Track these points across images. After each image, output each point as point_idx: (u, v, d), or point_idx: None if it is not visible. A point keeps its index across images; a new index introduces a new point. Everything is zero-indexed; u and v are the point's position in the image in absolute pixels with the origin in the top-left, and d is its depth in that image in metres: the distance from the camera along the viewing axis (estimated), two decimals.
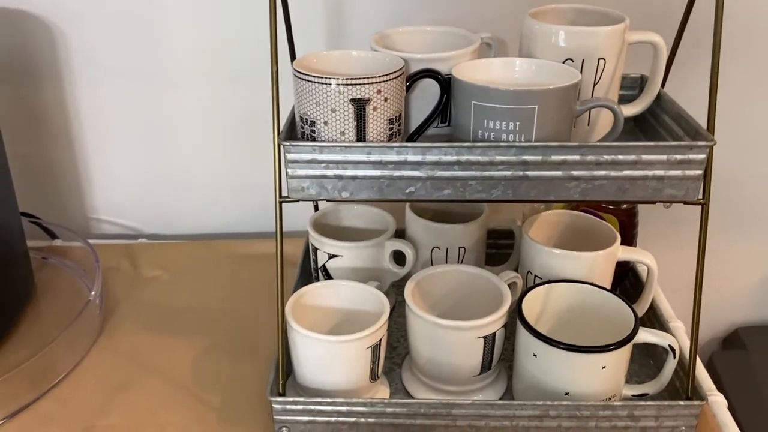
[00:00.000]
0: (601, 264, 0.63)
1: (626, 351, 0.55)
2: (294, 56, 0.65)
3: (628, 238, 0.70)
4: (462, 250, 0.70)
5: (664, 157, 0.51)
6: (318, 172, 0.53)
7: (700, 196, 0.53)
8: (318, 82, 0.51)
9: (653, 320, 0.66)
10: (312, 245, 0.69)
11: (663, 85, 0.63)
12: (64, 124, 0.86)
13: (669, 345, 0.56)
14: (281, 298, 0.55)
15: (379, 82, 0.51)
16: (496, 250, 0.79)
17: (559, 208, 0.70)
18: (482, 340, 0.56)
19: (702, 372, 0.64)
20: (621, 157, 0.50)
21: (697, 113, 0.55)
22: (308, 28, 0.79)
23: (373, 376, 0.58)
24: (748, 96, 0.84)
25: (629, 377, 0.61)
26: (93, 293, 0.70)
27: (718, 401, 0.61)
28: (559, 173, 0.51)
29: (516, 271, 0.67)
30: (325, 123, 0.52)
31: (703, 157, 0.51)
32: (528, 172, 0.51)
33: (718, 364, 0.88)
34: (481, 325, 0.56)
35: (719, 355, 0.91)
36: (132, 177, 0.89)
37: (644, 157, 0.50)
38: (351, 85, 0.51)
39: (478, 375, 0.58)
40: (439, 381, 0.59)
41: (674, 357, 0.56)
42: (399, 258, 0.69)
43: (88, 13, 0.80)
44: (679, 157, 0.51)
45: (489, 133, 0.52)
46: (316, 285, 0.62)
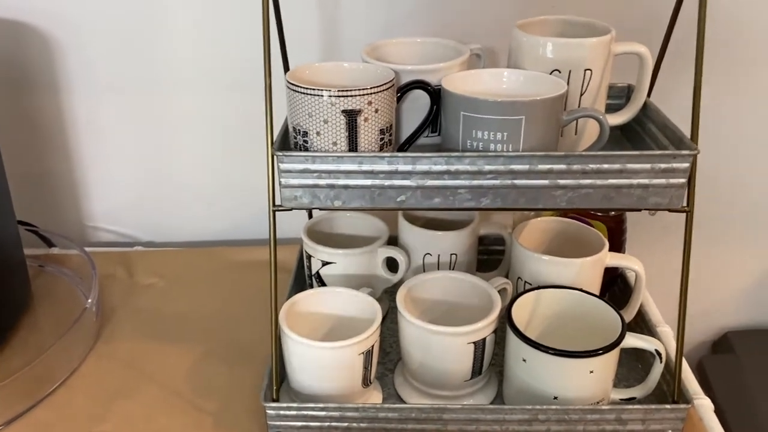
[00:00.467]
0: (589, 270, 0.64)
1: (614, 356, 0.56)
2: (287, 67, 0.67)
3: (617, 244, 0.72)
4: (454, 257, 0.71)
5: (648, 165, 0.52)
6: (311, 182, 0.54)
7: (685, 203, 0.54)
8: (310, 94, 0.52)
9: (641, 325, 0.68)
10: (306, 252, 0.70)
11: (649, 95, 0.64)
12: (61, 133, 0.87)
13: (655, 349, 0.57)
14: (275, 306, 0.56)
15: (370, 94, 0.52)
16: (488, 256, 0.80)
17: (548, 215, 0.71)
18: (472, 345, 0.57)
19: (689, 376, 0.65)
20: (606, 166, 0.52)
21: (683, 120, 0.56)
22: (303, 39, 0.80)
23: (366, 382, 0.59)
24: (735, 103, 0.85)
25: (618, 381, 0.62)
26: (90, 301, 0.71)
27: (705, 405, 0.62)
28: (546, 182, 0.52)
29: (506, 277, 0.68)
30: (318, 133, 0.54)
31: (687, 165, 0.52)
32: (516, 181, 0.53)
33: (707, 368, 0.89)
34: (471, 331, 0.57)
35: (709, 359, 0.92)
36: (128, 185, 0.90)
37: (629, 165, 0.52)
38: (342, 96, 0.52)
39: (469, 380, 0.59)
40: (431, 386, 0.60)
41: (660, 361, 0.58)
42: (392, 264, 0.70)
43: (86, 22, 0.81)
44: (663, 165, 0.52)
45: (477, 142, 0.53)
46: (310, 292, 0.63)
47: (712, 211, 0.90)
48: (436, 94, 0.56)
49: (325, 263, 0.68)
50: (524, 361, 0.57)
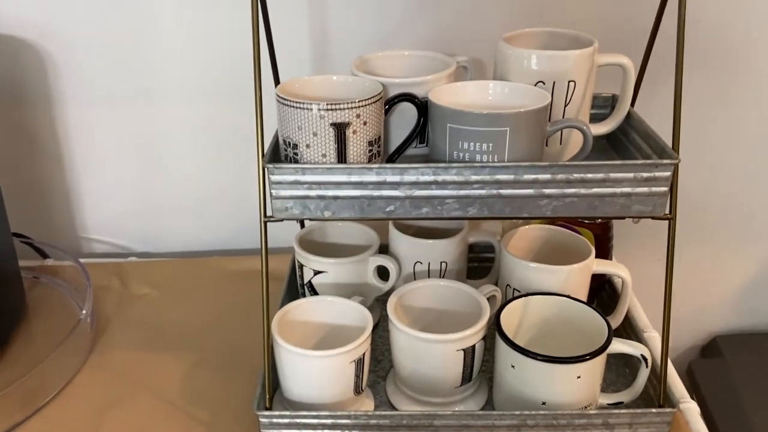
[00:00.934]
0: (576, 277, 0.65)
1: (600, 361, 0.57)
2: (278, 81, 0.68)
3: (604, 251, 0.73)
4: (444, 265, 0.72)
5: (631, 174, 0.53)
6: (301, 193, 0.55)
7: (668, 211, 0.55)
8: (300, 107, 0.53)
9: (629, 330, 0.69)
10: (298, 261, 0.71)
11: (633, 104, 0.65)
12: (54, 145, 0.88)
13: (641, 354, 0.58)
14: (266, 315, 0.57)
15: (359, 107, 0.53)
16: (479, 263, 0.81)
17: (536, 223, 0.72)
18: (462, 352, 0.58)
19: (675, 380, 0.66)
20: (590, 175, 0.53)
21: (667, 128, 0.57)
22: (293, 51, 0.81)
23: (358, 390, 0.60)
24: (720, 111, 0.87)
25: (606, 386, 0.63)
26: (84, 312, 0.72)
27: (691, 408, 0.63)
28: (531, 191, 0.54)
29: (496, 284, 0.69)
30: (307, 146, 0.55)
31: (669, 174, 0.53)
32: (502, 191, 0.54)
33: (696, 372, 0.90)
34: (461, 338, 0.58)
35: (698, 363, 0.93)
36: (121, 195, 0.91)
37: (612, 175, 0.53)
38: (331, 110, 0.53)
39: (459, 386, 0.60)
40: (422, 393, 0.61)
41: (646, 366, 0.59)
42: (383, 273, 0.71)
43: (78, 37, 0.82)
44: (646, 174, 0.53)
45: (464, 153, 0.54)
46: (302, 301, 0.64)
47: (700, 217, 0.92)
48: (423, 106, 0.58)
49: (317, 272, 0.69)
50: (513, 367, 0.57)
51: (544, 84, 0.58)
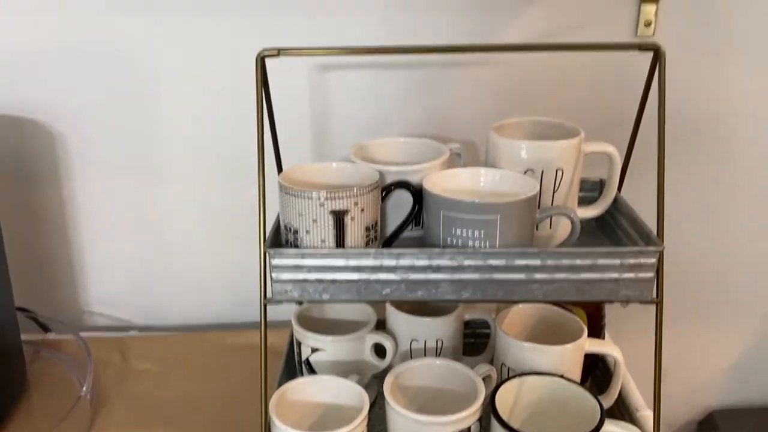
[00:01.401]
0: (569, 356, 0.66)
1: None
2: (280, 168, 0.70)
3: (597, 329, 0.74)
4: (440, 342, 0.73)
5: (617, 261, 0.55)
6: (300, 276, 0.57)
7: (654, 295, 0.57)
8: (301, 196, 0.56)
9: (622, 410, 0.69)
10: (296, 339, 0.73)
11: (620, 189, 0.68)
12: (61, 221, 0.90)
13: None
14: (264, 396, 0.58)
15: (356, 195, 0.56)
16: (475, 339, 0.82)
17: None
18: None
19: None
20: (578, 261, 0.55)
21: (654, 209, 0.58)
22: (294, 135, 0.84)
23: None
24: (708, 194, 0.90)
25: None
26: (84, 389, 0.72)
27: None
28: (522, 276, 0.56)
29: (492, 361, 0.70)
30: (307, 232, 0.57)
31: (654, 261, 0.55)
32: (494, 275, 0.56)
33: None
34: (457, 420, 0.58)
35: None
36: (124, 269, 0.93)
37: (599, 261, 0.55)
38: (331, 198, 0.56)
39: None
40: None
41: None
42: (380, 350, 0.72)
43: (86, 116, 0.85)
44: (632, 261, 0.55)
45: (457, 239, 0.56)
46: (299, 381, 0.65)
47: (694, 296, 0.93)
48: (418, 193, 0.60)
49: (314, 350, 0.70)
50: None
51: (533, 172, 0.61)
